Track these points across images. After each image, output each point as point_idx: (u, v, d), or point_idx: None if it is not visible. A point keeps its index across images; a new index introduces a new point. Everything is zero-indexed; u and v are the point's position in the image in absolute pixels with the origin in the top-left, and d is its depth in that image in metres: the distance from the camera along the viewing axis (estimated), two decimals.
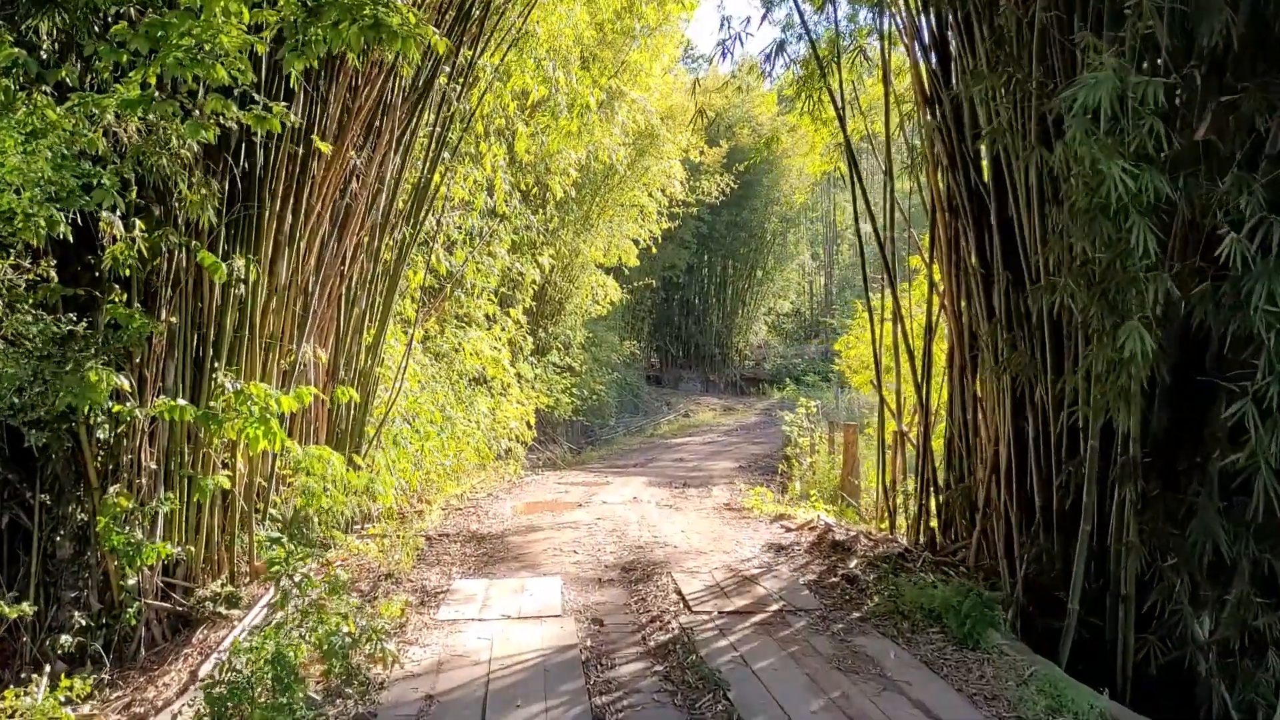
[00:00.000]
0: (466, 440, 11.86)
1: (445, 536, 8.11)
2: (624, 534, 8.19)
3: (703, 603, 5.61)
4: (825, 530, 7.54)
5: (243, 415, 5.65)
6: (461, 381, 13.18)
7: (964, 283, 6.90)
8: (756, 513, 9.30)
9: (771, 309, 39.60)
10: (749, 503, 10.21)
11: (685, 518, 9.44)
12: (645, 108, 17.95)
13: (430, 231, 11.34)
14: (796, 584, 6.12)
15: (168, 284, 6.05)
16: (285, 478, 7.54)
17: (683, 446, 21.96)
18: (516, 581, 6.32)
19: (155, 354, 6.11)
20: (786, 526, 8.17)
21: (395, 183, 8.85)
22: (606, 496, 12.07)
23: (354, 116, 7.73)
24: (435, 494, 10.88)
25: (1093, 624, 4.93)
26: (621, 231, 21.07)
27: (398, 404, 10.04)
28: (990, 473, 6.39)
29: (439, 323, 12.71)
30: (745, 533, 8.17)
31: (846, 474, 11.54)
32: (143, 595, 6.10)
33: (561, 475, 15.35)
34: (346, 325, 8.59)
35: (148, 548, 5.74)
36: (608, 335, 25.18)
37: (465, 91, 9.51)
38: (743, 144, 30.67)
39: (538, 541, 7.91)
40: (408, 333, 9.49)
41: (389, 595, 5.91)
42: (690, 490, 13.33)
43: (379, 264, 9.02)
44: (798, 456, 15.41)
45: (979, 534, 6.43)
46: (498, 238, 13.77)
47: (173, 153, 5.08)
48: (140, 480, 6.06)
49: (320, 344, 8.42)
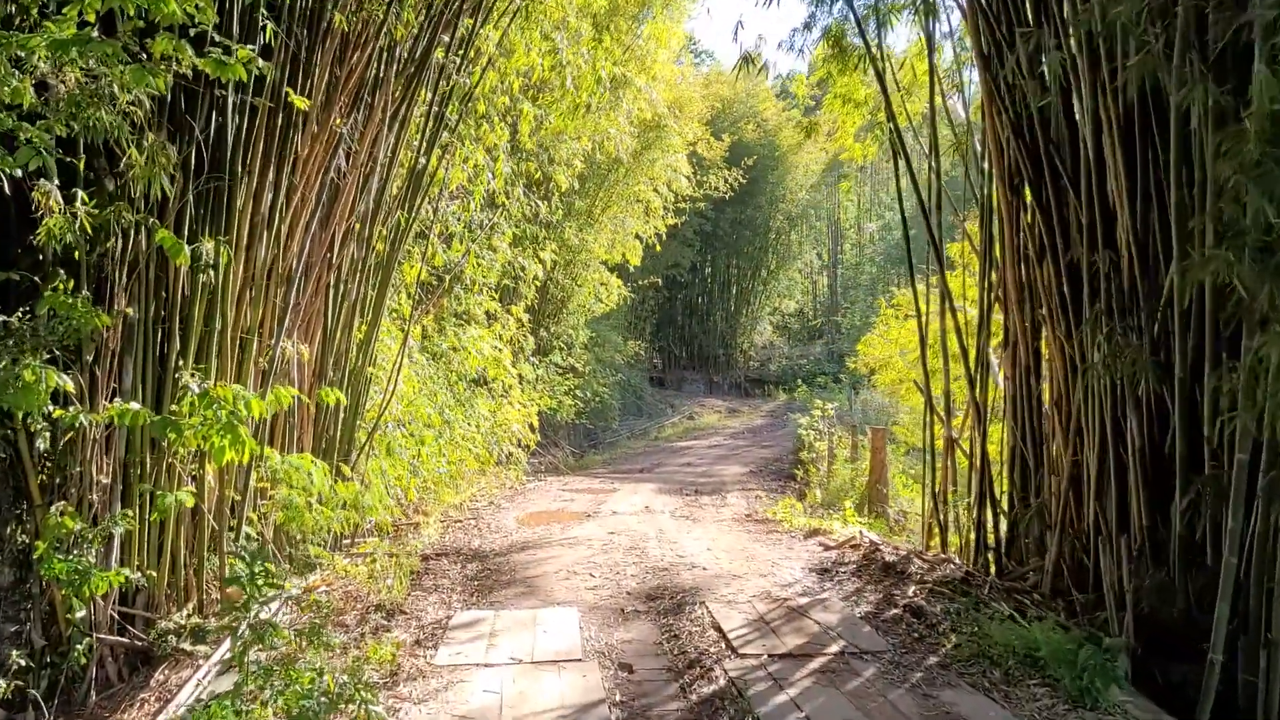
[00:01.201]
0: (466, 446, 11.02)
1: (444, 555, 7.28)
2: (643, 552, 7.36)
3: (748, 642, 4.78)
4: (872, 549, 6.73)
5: (208, 421, 4.81)
6: (461, 383, 12.34)
7: (1028, 269, 6.10)
8: (786, 526, 8.48)
9: (776, 309, 38.80)
10: (778, 514, 9.39)
11: (706, 531, 8.61)
12: (651, 96, 17.15)
13: (427, 221, 10.51)
14: (853, 617, 5.28)
15: (123, 269, 5.22)
16: (265, 490, 6.71)
17: (689, 450, 21.16)
18: (526, 613, 5.48)
19: (109, 350, 5.28)
20: (825, 544, 7.35)
21: (389, 165, 8.03)
22: (616, 505, 11.25)
23: (341, 87, 6.91)
24: (433, 504, 10.05)
25: (1226, 672, 4.11)
26: (625, 228, 20.25)
27: (392, 407, 9.21)
28: (1068, 487, 5.58)
29: (437, 320, 11.88)
30: (778, 551, 7.35)
31: (874, 481, 10.74)
32: (95, 629, 5.28)
33: (565, 481, 14.53)
34: (335, 320, 7.76)
35: (97, 575, 4.90)
36: (611, 335, 24.35)
37: (466, 66, 8.68)
38: (748, 139, 29.86)
39: (547, 561, 7.08)
40: (403, 330, 8.64)
41: (378, 632, 5.08)
42: (703, 498, 12.53)
43: (371, 254, 8.20)
44: (814, 462, 14.61)
45: (1054, 557, 5.61)
46: (499, 231, 12.94)
47: (119, 108, 4.24)
48: (92, 496, 5.23)
49: (306, 340, 7.60)
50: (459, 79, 8.49)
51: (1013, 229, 6.28)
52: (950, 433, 7.07)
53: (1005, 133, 6.23)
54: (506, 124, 9.86)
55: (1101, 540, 4.93)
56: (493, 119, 9.41)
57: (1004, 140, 6.26)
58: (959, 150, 8.05)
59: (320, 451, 7.56)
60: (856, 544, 7.02)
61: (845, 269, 45.07)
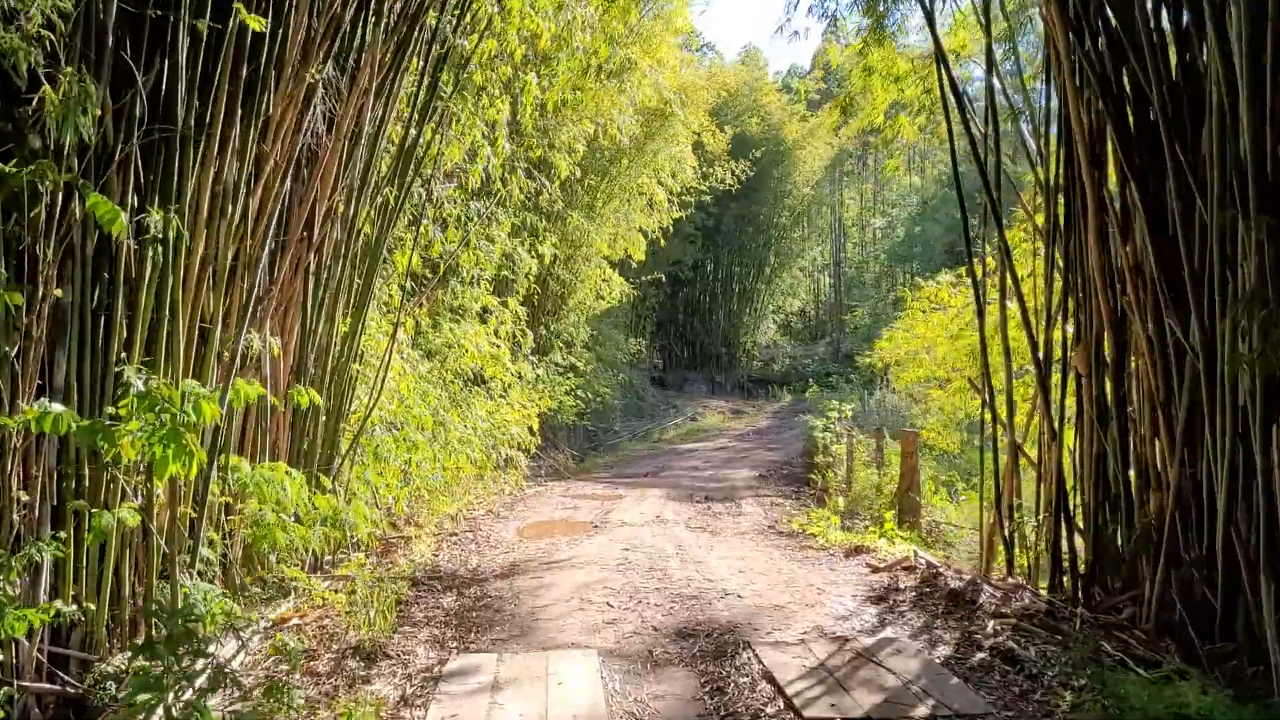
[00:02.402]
0: (463, 451, 10.13)
1: (436, 578, 6.39)
2: (665, 573, 6.47)
3: (812, 700, 3.88)
4: (930, 573, 5.86)
5: (148, 427, 3.93)
6: (456, 382, 11.44)
7: (1112, 250, 5.26)
8: (820, 542, 7.61)
9: (780, 307, 37.93)
10: (807, 526, 8.50)
11: (730, 547, 7.74)
12: (657, 80, 16.28)
13: (419, 205, 9.62)
14: (934, 665, 4.38)
15: (51, 241, 4.33)
16: (231, 505, 5.84)
17: (694, 453, 20.27)
18: (537, 658, 4.56)
19: (36, 340, 4.39)
20: (872, 565, 6.48)
21: (376, 136, 7.15)
22: (624, 515, 10.38)
23: (321, 41, 6.02)
24: (426, 514, 9.16)
25: None
26: (629, 221, 19.35)
27: (382, 407, 8.32)
28: (1174, 505, 4.72)
29: (431, 315, 10.98)
30: (820, 573, 6.47)
31: (905, 490, 9.87)
32: (17, 674, 4.41)
33: (567, 487, 13.64)
34: (316, 311, 6.88)
35: (13, 614, 4.00)
36: (612, 333, 23.45)
37: (463, 28, 7.80)
38: (751, 133, 28.97)
39: (555, 586, 6.20)
40: (395, 323, 7.74)
41: (355, 686, 4.18)
42: (716, 505, 11.67)
43: (357, 237, 7.31)
44: (831, 466, 13.74)
45: (1157, 588, 4.76)
46: (496, 220, 12.05)
47: (27, 31, 3.35)
48: (13, 516, 4.35)
49: (283, 334, 6.72)
50: (456, 41, 7.61)
51: (1096, 204, 5.42)
52: (1013, 437, 6.21)
53: (1088, 95, 5.39)
54: (508, 97, 8.96)
55: (1240, 574, 4.08)
56: (492, 92, 8.53)
57: (1082, 106, 5.42)
58: (1012, 120, 7.21)
59: (299, 458, 6.68)
60: (910, 565, 6.16)
61: (849, 267, 44.17)
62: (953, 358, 8.90)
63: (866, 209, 47.87)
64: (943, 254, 33.85)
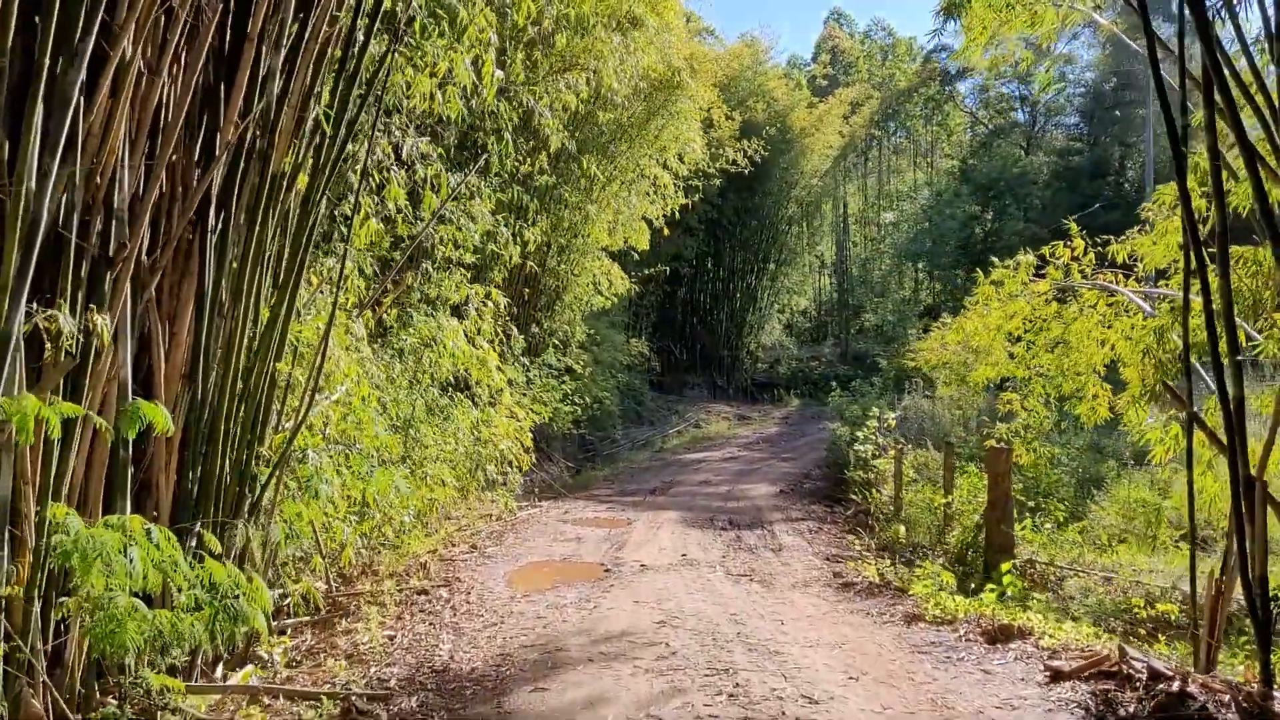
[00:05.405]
0: (439, 476, 8.03)
1: (383, 697, 4.25)
2: (736, 682, 4.32)
3: None
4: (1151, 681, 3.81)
5: None
6: (432, 389, 9.32)
7: None
8: (932, 608, 5.50)
9: (786, 306, 35.89)
10: (911, 583, 6.36)
11: (799, 610, 5.67)
12: (666, 43, 14.28)
13: (385, 166, 7.53)
14: None
15: None
16: (66, 578, 3.79)
17: (702, 464, 18.20)
18: None
19: None
20: (1053, 669, 4.30)
21: (299, 41, 5.06)
22: (641, 552, 8.34)
23: None
24: (390, 559, 7.06)
25: None
26: (631, 207, 17.23)
27: (336, 423, 6.23)
28: None
29: (397, 304, 8.87)
30: (971, 682, 4.32)
31: (996, 520, 7.84)
32: None
33: (564, 509, 11.54)
34: (217, 290, 4.79)
35: None
36: (611, 333, 21.35)
37: None
38: (757, 119, 26.91)
39: (574, 708, 4.08)
40: (333, 303, 5.60)
41: None
42: (746, 535, 9.65)
43: (284, 189, 5.23)
44: (873, 484, 11.69)
45: None
46: (478, 193, 9.97)
47: None
48: None
49: (171, 319, 4.63)
50: None
51: None
52: (1247, 469, 4.15)
53: None
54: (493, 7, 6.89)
55: None
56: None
57: None
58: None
59: (187, 502, 4.58)
60: (1110, 668, 4.09)
61: (855, 264, 42.09)
62: (1089, 355, 6.87)
63: (870, 205, 45.93)
64: (955, 250, 31.95)
